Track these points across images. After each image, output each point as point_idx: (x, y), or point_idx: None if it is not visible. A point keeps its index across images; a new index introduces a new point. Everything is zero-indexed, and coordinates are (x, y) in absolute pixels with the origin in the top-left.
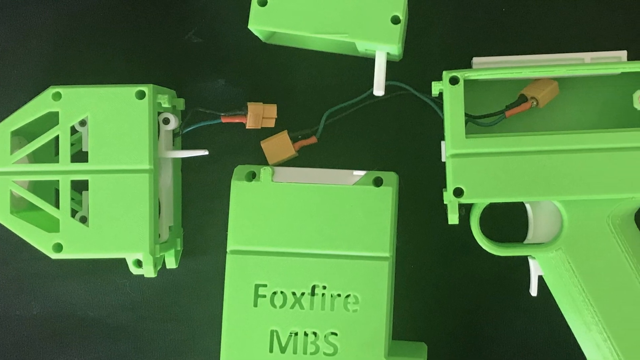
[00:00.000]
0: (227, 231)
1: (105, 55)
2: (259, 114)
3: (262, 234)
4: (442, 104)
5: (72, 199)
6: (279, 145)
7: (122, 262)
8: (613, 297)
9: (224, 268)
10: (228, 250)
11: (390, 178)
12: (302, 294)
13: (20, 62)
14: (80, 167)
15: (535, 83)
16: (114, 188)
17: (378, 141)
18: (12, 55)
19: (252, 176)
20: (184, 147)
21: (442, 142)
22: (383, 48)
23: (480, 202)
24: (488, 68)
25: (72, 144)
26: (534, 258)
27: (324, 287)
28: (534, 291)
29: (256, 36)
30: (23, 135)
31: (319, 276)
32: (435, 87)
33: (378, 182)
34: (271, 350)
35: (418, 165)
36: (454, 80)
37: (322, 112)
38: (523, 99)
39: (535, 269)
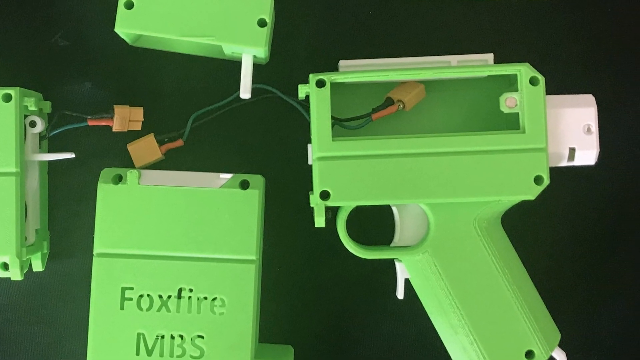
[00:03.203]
0: (93, 234)
1: None
2: (126, 117)
3: (129, 236)
4: (309, 107)
5: None
6: (146, 148)
7: None
8: (479, 300)
9: (91, 271)
10: (94, 253)
11: (257, 181)
12: (169, 297)
13: None
14: None
15: (402, 86)
16: None
17: (245, 144)
18: None
19: (119, 179)
20: (51, 150)
21: (309, 145)
22: (249, 51)
23: (346, 204)
24: (355, 71)
25: None
26: (400, 261)
27: (191, 290)
28: (400, 294)
29: (123, 39)
30: None
31: (185, 279)
32: (302, 90)
33: (244, 185)
34: (138, 353)
35: (285, 168)
36: (320, 83)
37: (189, 115)
38: (389, 101)
39: (402, 272)
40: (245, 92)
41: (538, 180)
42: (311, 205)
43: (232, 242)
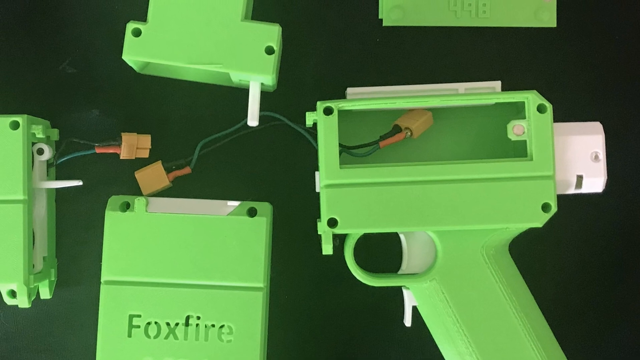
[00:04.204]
0: (101, 261)
1: None
2: (133, 145)
3: (137, 264)
4: (317, 135)
5: None
6: (153, 176)
7: None
8: (487, 327)
9: (98, 298)
10: (102, 280)
11: (265, 208)
12: (177, 324)
13: None
14: None
15: (410, 113)
16: None
17: (252, 172)
18: None
19: (126, 206)
20: (58, 178)
21: (316, 173)
22: (257, 78)
23: (354, 232)
24: (362, 98)
25: None
26: (408, 288)
27: (198, 318)
28: (408, 322)
29: (130, 66)
30: None
31: (193, 306)
32: (310, 118)
33: (252, 213)
34: None
35: (292, 195)
36: (328, 111)
37: (196, 143)
38: (397, 129)
39: (410, 300)
40: (252, 120)
41: (546, 207)
42: (319, 233)
43: (240, 270)
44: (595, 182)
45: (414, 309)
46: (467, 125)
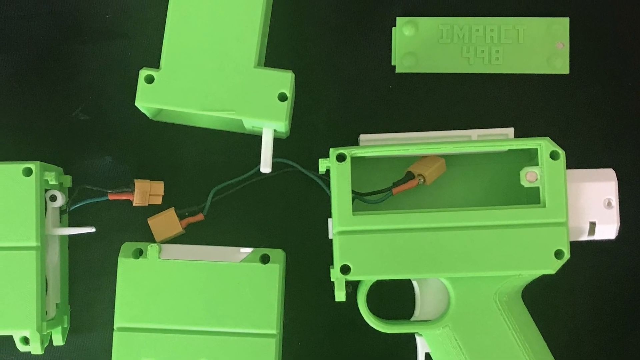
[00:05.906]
0: (114, 308)
1: None
2: (146, 191)
3: (150, 311)
4: (329, 181)
5: None
6: (166, 223)
7: (9, 339)
8: None
9: (111, 345)
10: (115, 327)
11: (277, 255)
12: None
13: None
14: None
15: (423, 160)
16: (0, 265)
17: (265, 218)
18: None
19: (139, 253)
20: (71, 224)
21: (329, 219)
22: (270, 125)
23: (367, 279)
24: (375, 145)
25: None
26: (420, 335)
27: None
28: None
29: (143, 113)
30: None
31: (206, 353)
32: (322, 164)
33: (265, 260)
34: None
35: (305, 242)
36: (340, 158)
37: (209, 189)
38: (410, 176)
39: (422, 346)
40: (265, 167)
41: (559, 254)
42: (332, 280)
43: (253, 316)
44: (608, 229)
45: (427, 355)
46: (480, 171)
